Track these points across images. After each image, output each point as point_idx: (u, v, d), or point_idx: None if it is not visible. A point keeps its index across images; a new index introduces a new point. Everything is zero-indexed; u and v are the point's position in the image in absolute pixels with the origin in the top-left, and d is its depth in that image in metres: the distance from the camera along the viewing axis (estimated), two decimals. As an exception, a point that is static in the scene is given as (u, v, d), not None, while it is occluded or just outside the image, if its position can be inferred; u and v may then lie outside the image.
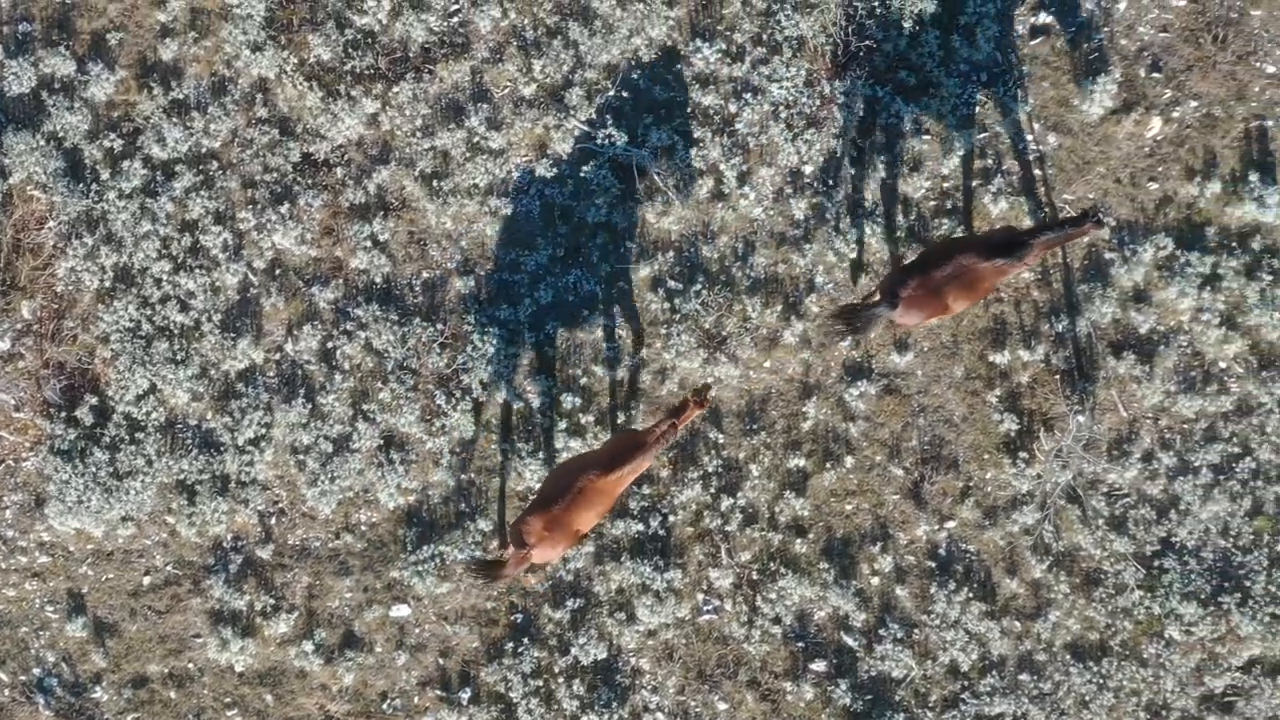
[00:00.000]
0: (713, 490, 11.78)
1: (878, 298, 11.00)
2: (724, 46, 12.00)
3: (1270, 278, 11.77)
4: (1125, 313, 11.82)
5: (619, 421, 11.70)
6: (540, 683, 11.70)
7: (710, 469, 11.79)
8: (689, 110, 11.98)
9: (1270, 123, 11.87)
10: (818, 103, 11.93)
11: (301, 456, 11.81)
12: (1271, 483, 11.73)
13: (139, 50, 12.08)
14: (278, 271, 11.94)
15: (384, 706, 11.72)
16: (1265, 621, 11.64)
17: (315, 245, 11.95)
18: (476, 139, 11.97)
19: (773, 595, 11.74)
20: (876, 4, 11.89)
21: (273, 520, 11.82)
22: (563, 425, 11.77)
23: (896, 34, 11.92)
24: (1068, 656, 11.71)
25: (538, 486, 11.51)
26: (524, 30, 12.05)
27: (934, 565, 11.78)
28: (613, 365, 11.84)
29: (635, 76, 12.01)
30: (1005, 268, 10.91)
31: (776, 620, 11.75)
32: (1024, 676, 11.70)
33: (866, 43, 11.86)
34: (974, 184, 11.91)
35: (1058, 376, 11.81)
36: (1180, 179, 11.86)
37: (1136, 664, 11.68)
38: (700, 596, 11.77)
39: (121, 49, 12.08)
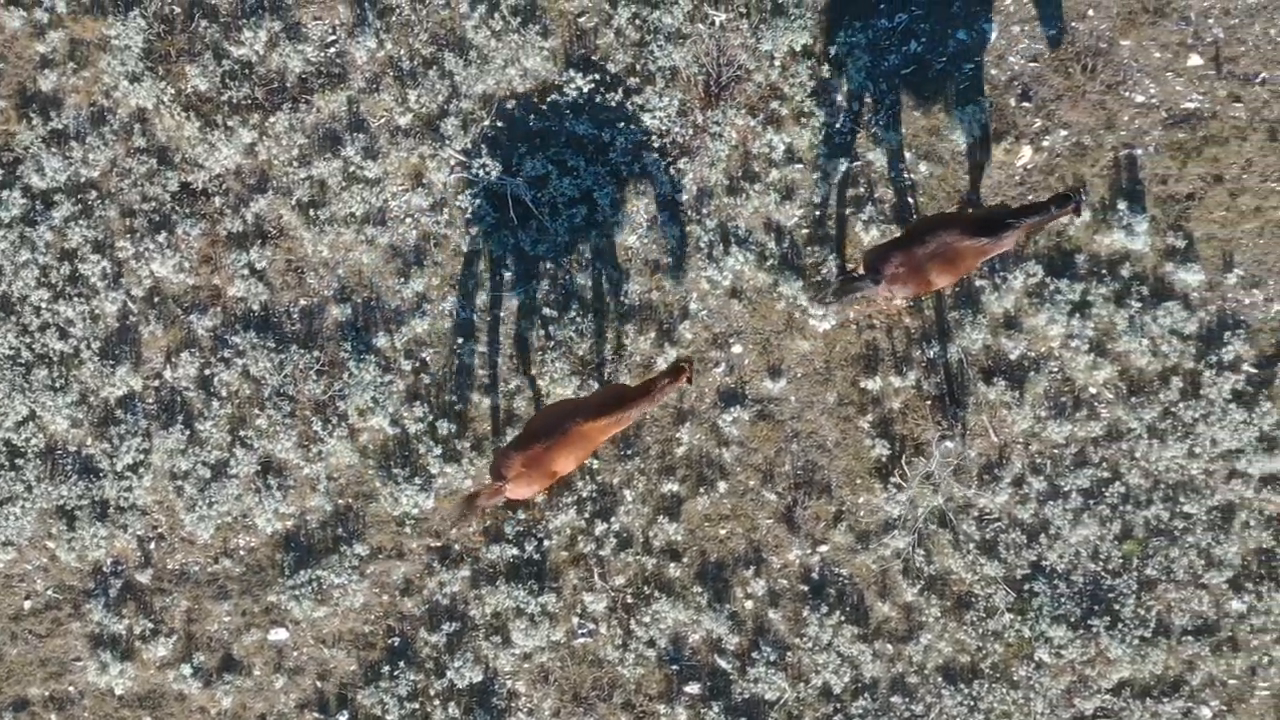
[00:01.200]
0: (587, 515, 11.92)
1: (860, 271, 11.13)
2: (598, 76, 12.13)
3: (1139, 304, 11.91)
4: (996, 339, 11.96)
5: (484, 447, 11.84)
6: (416, 705, 11.84)
7: (584, 494, 11.93)
8: (563, 139, 12.12)
9: (1139, 151, 12.01)
10: (691, 132, 12.07)
11: (180, 482, 11.95)
12: (1141, 507, 11.88)
13: (18, 80, 12.22)
14: (156, 299, 12.07)
15: (263, 729, 11.89)
16: (1134, 644, 11.79)
17: (193, 273, 12.08)
18: (353, 168, 12.10)
19: (647, 619, 11.88)
20: (749, 35, 12.03)
21: (152, 545, 11.96)
22: (438, 451, 11.91)
23: (768, 64, 12.06)
24: (939, 679, 11.85)
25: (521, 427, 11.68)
26: (400, 61, 12.18)
27: (807, 589, 11.92)
28: (488, 392, 11.98)
29: (510, 106, 12.15)
30: (987, 247, 11.05)
31: (651, 643, 11.89)
32: (896, 699, 11.84)
33: (739, 73, 12.00)
34: (846, 212, 12.05)
35: (929, 402, 11.95)
36: (1051, 207, 12.00)
37: (1007, 686, 11.83)
38: (575, 620, 11.91)
39: (1, 80, 12.21)
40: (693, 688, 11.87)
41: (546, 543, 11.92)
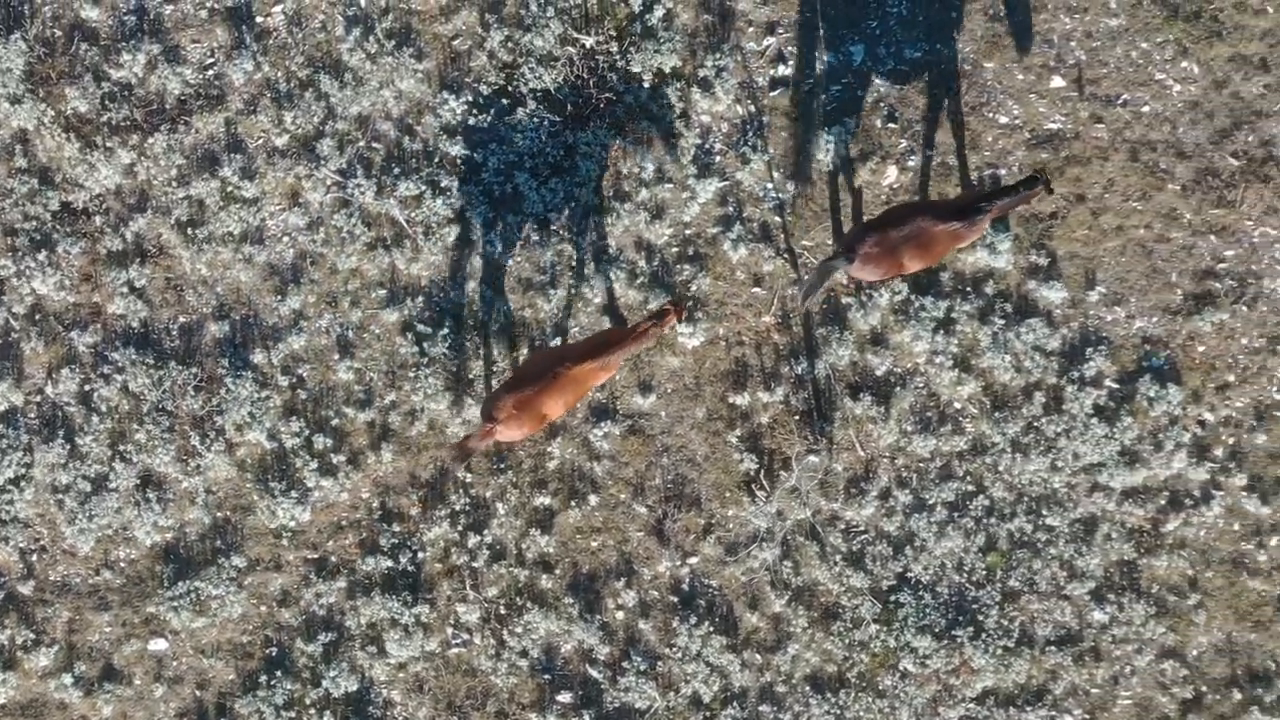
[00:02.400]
0: (461, 528, 12.18)
1: (836, 252, 11.38)
2: (470, 98, 12.38)
3: (1002, 321, 12.16)
4: (863, 356, 12.21)
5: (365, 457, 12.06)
6: (293, 714, 12.10)
7: (458, 507, 12.19)
8: (437, 160, 12.36)
9: (1003, 172, 12.26)
10: (562, 152, 12.31)
11: (61, 495, 12.20)
12: (1004, 520, 12.13)
13: (-98, 102, 12.49)
14: (38, 317, 12.32)
15: (144, 737, 12.14)
16: (998, 654, 12.04)
17: (74, 291, 12.34)
18: (231, 188, 12.35)
19: (520, 629, 12.13)
20: (618, 57, 12.28)
21: (33, 557, 12.21)
22: (314, 465, 12.16)
23: (638, 86, 12.30)
24: (807, 688, 12.11)
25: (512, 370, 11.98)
26: (277, 83, 12.43)
27: (677, 600, 12.17)
28: (364, 407, 12.23)
29: (385, 127, 12.40)
30: (961, 232, 11.31)
31: (524, 653, 12.15)
32: (764, 708, 12.09)
33: (608, 95, 12.25)
34: (715, 231, 12.29)
35: (797, 417, 12.20)
36: (916, 226, 12.24)
37: (873, 695, 12.08)
38: (450, 630, 12.17)
39: (-116, 101, 12.48)
40: (565, 696, 12.12)
41: (421, 555, 12.18)
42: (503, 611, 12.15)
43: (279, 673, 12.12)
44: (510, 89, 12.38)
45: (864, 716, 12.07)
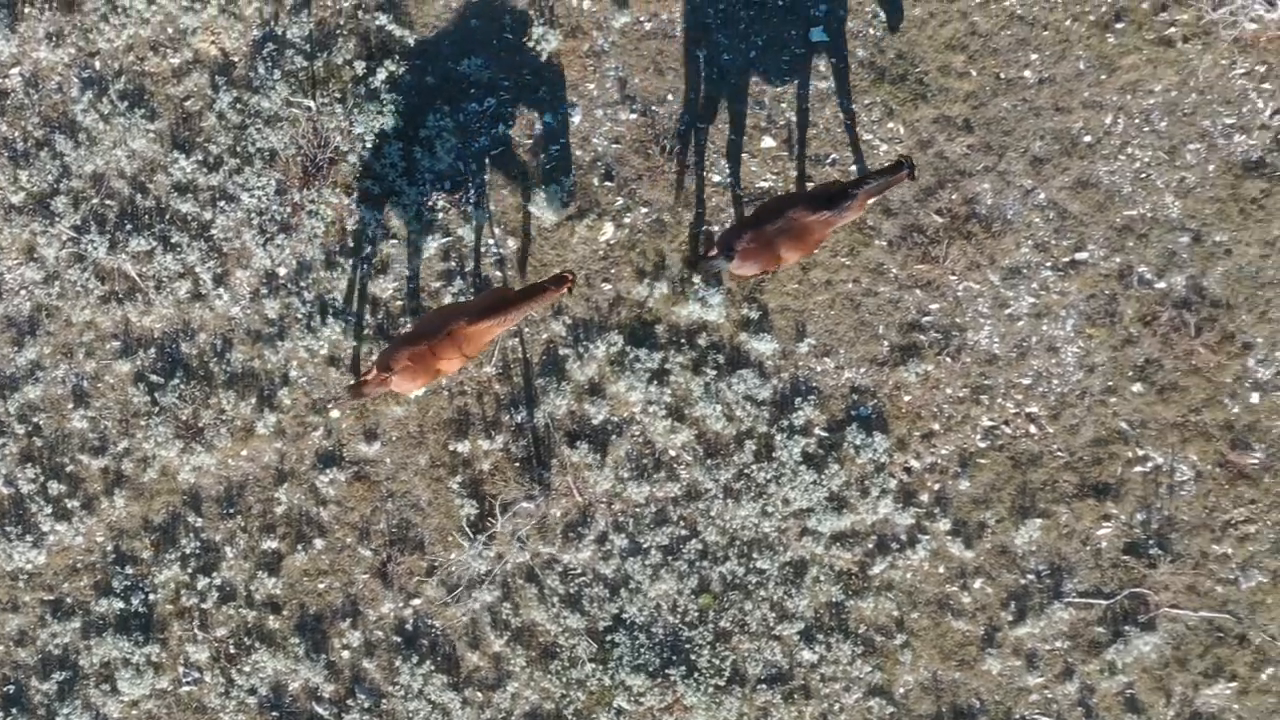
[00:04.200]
0: (191, 570, 12.66)
1: (714, 253, 11.82)
2: (201, 157, 12.86)
3: (714, 372, 12.65)
4: (580, 405, 12.70)
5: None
6: (29, 750, 12.60)
7: (189, 550, 12.66)
8: (168, 217, 12.84)
9: (716, 228, 12.74)
10: (289, 210, 12.80)
11: None
12: (717, 563, 12.62)
13: None
14: None
15: (-115, 771, 12.62)
16: (710, 692, 12.54)
17: None
18: (-31, 245, 12.85)
19: (248, 668, 12.61)
20: (343, 119, 12.75)
21: None
22: (49, 510, 12.64)
23: (361, 146, 12.79)
24: (526, 724, 12.62)
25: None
26: (14, 142, 12.90)
27: (400, 640, 12.66)
28: (98, 454, 12.71)
29: (118, 185, 12.87)
30: (832, 219, 11.69)
31: (252, 691, 12.63)
32: (485, 743, 12.61)
33: (333, 154, 12.73)
34: (439, 285, 12.78)
35: (516, 464, 12.69)
36: (631, 280, 12.74)
37: (590, 731, 12.59)
38: (180, 669, 12.65)
39: None
40: (292, 733, 12.63)
41: (153, 596, 12.66)
42: (232, 651, 12.63)
43: (15, 710, 12.60)
44: (238, 149, 12.86)
45: (581, 752, 12.58)
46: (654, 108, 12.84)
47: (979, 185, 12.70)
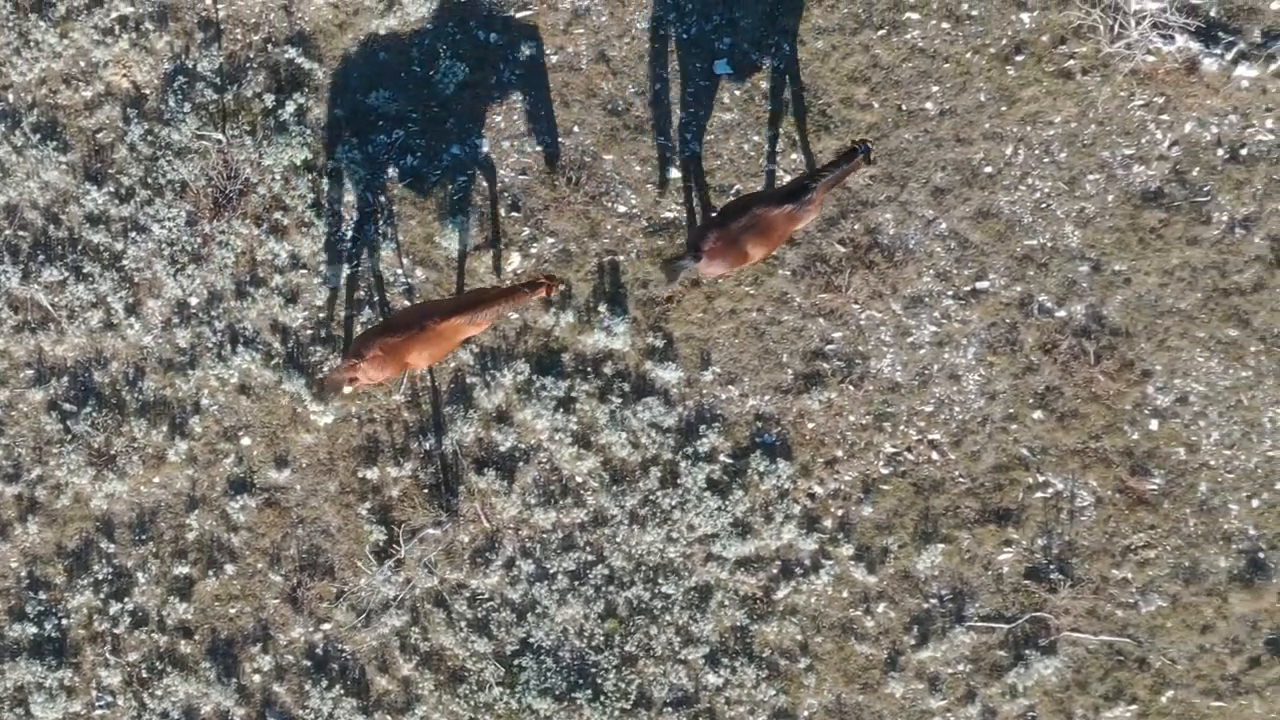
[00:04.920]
0: (104, 595, 12.84)
1: (684, 253, 12.00)
2: (112, 189, 13.04)
3: (620, 400, 12.82)
4: (488, 432, 12.88)
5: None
6: (-57, 773, 12.79)
7: (101, 576, 12.85)
8: (80, 247, 13.03)
9: (621, 258, 12.92)
10: (199, 240, 12.98)
11: None
12: (623, 588, 12.80)
13: None
14: None
15: None
16: (616, 715, 12.72)
17: None
18: (-117, 275, 13.05)
19: (160, 691, 12.80)
20: (253, 151, 12.94)
21: None
22: (-37, 537, 12.88)
23: (271, 178, 12.97)
24: (435, 747, 12.80)
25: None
26: (-73, 179, 13.15)
27: (310, 664, 12.84)
28: (12, 481, 12.89)
29: (31, 216, 13.05)
30: (796, 214, 11.88)
31: (164, 715, 12.82)
32: (394, 765, 12.80)
33: (243, 186, 12.91)
34: (349, 314, 12.96)
35: (425, 491, 12.87)
36: (538, 309, 12.90)
37: (497, 754, 12.78)
38: (94, 693, 12.83)
39: None
40: (204, 755, 12.81)
41: (66, 621, 12.85)
42: (144, 675, 12.82)
43: (-70, 733, 12.82)
44: (150, 180, 13.04)
45: (489, 774, 12.76)
46: (560, 139, 13.01)
47: (881, 215, 12.87)
